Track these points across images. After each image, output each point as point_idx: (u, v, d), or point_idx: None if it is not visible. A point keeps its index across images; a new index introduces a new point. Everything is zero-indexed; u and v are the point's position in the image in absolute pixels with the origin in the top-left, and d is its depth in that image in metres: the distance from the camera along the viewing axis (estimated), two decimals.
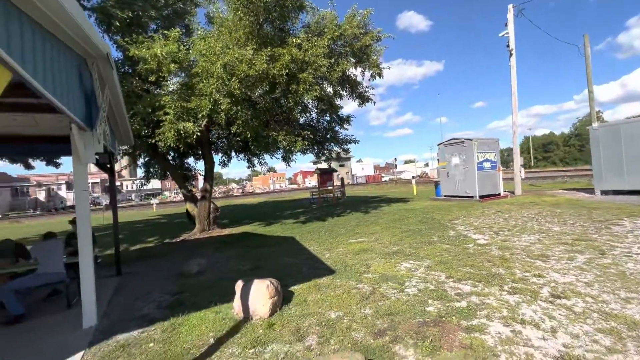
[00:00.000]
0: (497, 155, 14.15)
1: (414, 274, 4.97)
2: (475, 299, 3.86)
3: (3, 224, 25.60)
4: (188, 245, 9.15)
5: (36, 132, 5.57)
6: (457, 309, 3.62)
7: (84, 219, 4.00)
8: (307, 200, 20.75)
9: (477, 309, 3.57)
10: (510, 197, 14.02)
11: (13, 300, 4.26)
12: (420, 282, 4.57)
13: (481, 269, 4.94)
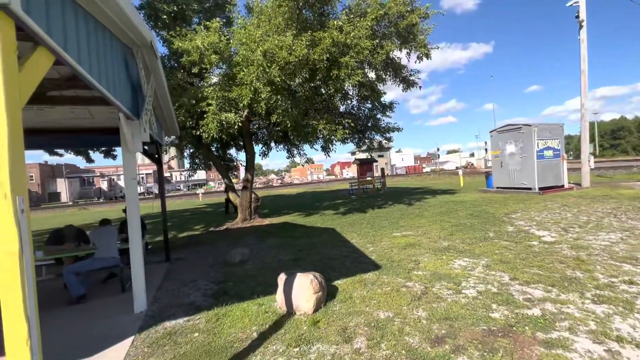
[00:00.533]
0: (560, 143, 12.61)
1: (471, 273, 4.47)
2: (551, 306, 3.31)
3: (73, 210, 28.69)
4: (231, 233, 9.35)
5: (92, 124, 5.87)
6: (529, 317, 3.11)
7: (133, 207, 4.08)
8: (346, 191, 20.41)
9: (556, 320, 3.04)
10: (576, 190, 12.47)
11: (75, 282, 4.53)
12: (479, 283, 4.08)
13: (552, 270, 4.30)
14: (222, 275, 5.32)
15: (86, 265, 4.68)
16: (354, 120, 10.22)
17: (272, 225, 10.36)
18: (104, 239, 4.87)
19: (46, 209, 34.44)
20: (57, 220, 18.61)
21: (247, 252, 6.20)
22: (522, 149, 12.32)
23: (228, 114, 7.98)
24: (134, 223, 4.05)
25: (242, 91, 7.46)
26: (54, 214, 25.50)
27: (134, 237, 4.05)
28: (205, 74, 9.32)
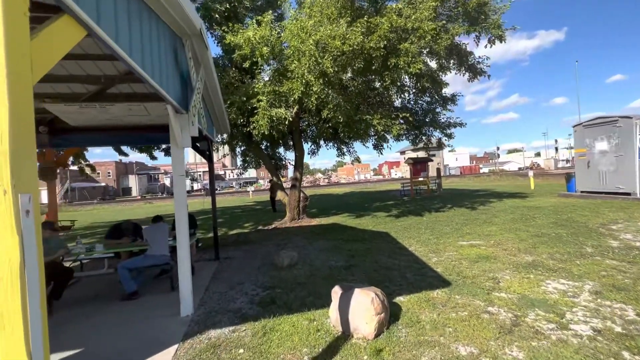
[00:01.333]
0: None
1: (575, 301, 3.51)
2: None
3: (140, 204, 31.52)
4: (279, 233, 9.11)
5: (149, 121, 5.94)
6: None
7: (181, 206, 3.88)
8: (397, 192, 19.34)
9: None
10: None
11: (127, 278, 4.50)
12: (592, 317, 3.13)
13: None
14: (269, 280, 4.98)
15: (137, 262, 4.65)
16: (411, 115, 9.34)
17: (320, 226, 9.94)
18: (156, 236, 4.81)
19: (120, 202, 38.43)
20: (124, 214, 20.44)
21: (296, 256, 5.81)
22: (617, 146, 10.28)
23: (278, 110, 7.71)
24: (182, 223, 3.84)
25: (292, 85, 7.11)
26: (123, 207, 28.21)
27: (181, 238, 3.85)
28: (256, 70, 9.21)
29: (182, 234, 3.84)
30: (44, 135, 5.67)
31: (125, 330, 3.52)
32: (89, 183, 57.58)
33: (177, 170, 3.90)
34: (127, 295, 4.49)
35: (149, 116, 5.77)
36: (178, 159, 3.93)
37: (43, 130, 5.65)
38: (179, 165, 3.93)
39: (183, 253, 3.84)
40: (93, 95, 5.02)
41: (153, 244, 4.75)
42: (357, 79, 8.88)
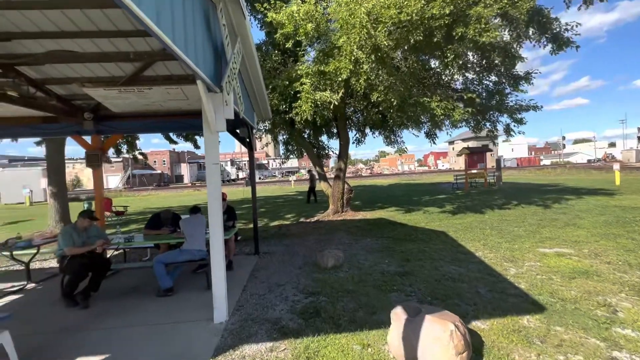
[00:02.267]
0: None
1: None
2: None
3: (189, 190, 33.20)
4: (322, 227, 8.54)
5: (188, 106, 5.61)
6: None
7: (214, 196, 3.39)
8: (449, 185, 17.77)
9: None
10: None
11: (162, 273, 4.21)
12: None
13: None
14: (312, 284, 4.39)
15: (173, 256, 4.33)
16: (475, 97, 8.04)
17: (366, 221, 9.18)
18: (193, 229, 4.45)
19: (172, 188, 41.01)
20: (174, 200, 21.42)
21: (341, 256, 5.15)
22: None
23: (323, 93, 7.01)
24: (215, 221, 3.37)
25: (339, 64, 6.34)
26: (174, 194, 29.85)
27: (215, 240, 3.37)
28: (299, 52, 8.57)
29: (216, 233, 3.36)
30: (89, 122, 5.61)
31: (154, 338, 3.15)
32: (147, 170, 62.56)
33: (210, 157, 3.41)
34: (162, 292, 4.20)
35: (188, 101, 5.43)
36: (212, 144, 3.43)
37: (88, 117, 5.58)
38: (212, 151, 3.43)
39: (216, 254, 3.37)
40: (131, 78, 4.75)
41: (190, 237, 4.39)
42: (410, 57, 7.82)
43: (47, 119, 5.73)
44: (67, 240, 4.10)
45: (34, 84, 4.63)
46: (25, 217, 14.54)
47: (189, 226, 4.46)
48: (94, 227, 4.43)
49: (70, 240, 4.11)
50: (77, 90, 5.15)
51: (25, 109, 5.30)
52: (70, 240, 4.11)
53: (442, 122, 8.04)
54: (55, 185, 9.56)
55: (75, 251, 4.10)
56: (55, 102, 5.12)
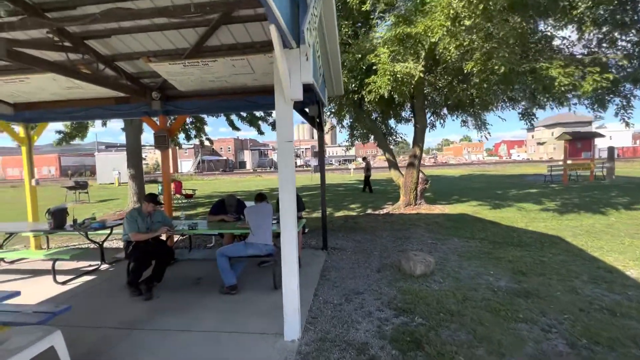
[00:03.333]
0: None
1: None
2: None
3: (252, 176, 34.46)
4: (394, 221, 7.52)
5: (253, 81, 5.02)
6: None
7: (287, 182, 2.67)
8: (538, 177, 15.12)
9: None
10: None
11: (225, 268, 3.71)
12: None
13: None
14: (400, 296, 3.49)
15: (237, 250, 3.80)
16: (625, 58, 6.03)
17: (446, 216, 7.90)
18: (259, 220, 3.86)
19: (236, 174, 43.26)
20: (239, 185, 22.12)
21: (432, 262, 4.14)
22: None
23: (403, 64, 5.90)
24: (288, 208, 2.65)
25: (432, 22, 5.13)
26: (238, 179, 31.16)
27: (287, 231, 2.66)
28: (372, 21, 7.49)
29: (288, 227, 2.65)
30: (156, 102, 5.39)
31: (212, 352, 2.59)
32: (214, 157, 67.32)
33: (283, 133, 2.68)
34: (225, 288, 3.71)
35: (253, 75, 4.82)
36: (285, 118, 2.69)
37: (156, 97, 5.36)
38: (285, 126, 2.69)
39: (288, 256, 2.67)
40: (195, 49, 4.28)
41: (256, 229, 3.81)
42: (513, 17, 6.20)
43: (119, 100, 5.67)
44: (131, 225, 3.81)
45: (104, 60, 4.43)
46: (113, 196, 16.14)
47: (254, 216, 3.88)
48: (158, 212, 4.12)
49: (134, 225, 3.82)
50: (144, 67, 4.89)
51: (100, 89, 5.26)
52: (134, 225, 3.82)
53: (564, 97, 6.30)
54: (134, 168, 10.09)
55: (139, 237, 3.80)
56: (125, 81, 4.94)
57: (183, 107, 5.60)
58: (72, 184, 14.29)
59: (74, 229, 4.64)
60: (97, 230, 4.67)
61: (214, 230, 4.47)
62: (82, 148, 64.06)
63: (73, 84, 5.16)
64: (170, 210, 5.78)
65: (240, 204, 5.08)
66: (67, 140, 11.80)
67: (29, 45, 3.63)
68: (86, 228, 4.64)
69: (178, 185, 11.58)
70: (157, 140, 5.61)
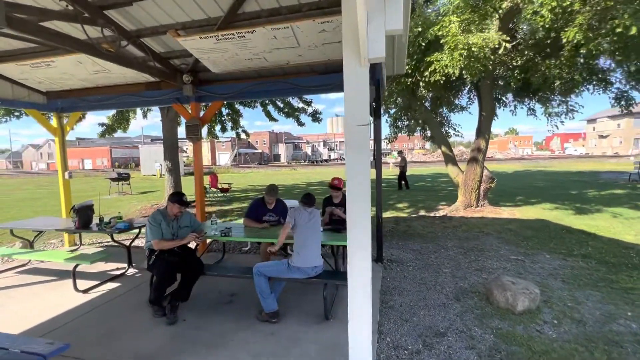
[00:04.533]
0: None
1: None
2: None
3: (286, 169, 34.15)
4: (456, 226, 6.37)
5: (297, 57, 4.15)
6: None
7: (358, 182, 1.77)
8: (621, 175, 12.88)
9: None
10: None
11: (266, 292, 2.93)
12: None
13: None
14: (500, 344, 2.48)
15: (278, 271, 2.99)
16: None
17: (520, 222, 6.58)
18: (307, 235, 2.99)
19: (271, 166, 43.38)
20: (275, 179, 21.72)
21: (537, 294, 3.04)
22: None
23: (482, 34, 4.71)
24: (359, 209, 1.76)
25: None
26: (274, 172, 30.95)
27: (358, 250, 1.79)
28: None
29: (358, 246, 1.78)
30: (188, 87, 4.74)
31: None
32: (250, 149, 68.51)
33: (355, 114, 1.77)
34: (265, 315, 2.93)
35: (298, 49, 3.96)
36: (358, 88, 1.77)
37: (187, 80, 4.70)
38: (359, 102, 1.78)
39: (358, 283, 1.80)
40: (228, 17, 3.50)
41: (302, 249, 2.95)
42: None
43: (149, 85, 5.12)
44: (154, 231, 3.15)
45: (128, 35, 3.80)
46: (154, 188, 16.38)
47: (303, 231, 3.00)
48: (186, 215, 3.43)
49: (158, 232, 3.16)
50: (173, 45, 4.22)
51: (128, 73, 4.73)
52: (158, 231, 3.16)
53: None
54: (170, 161, 9.80)
55: (163, 245, 3.14)
56: (153, 63, 4.31)
57: (217, 92, 4.90)
58: (115, 175, 14.62)
59: (98, 229, 4.15)
60: (123, 231, 4.13)
61: (250, 239, 3.71)
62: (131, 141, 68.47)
63: (100, 67, 4.66)
64: (202, 211, 5.17)
65: (281, 204, 4.29)
66: (109, 132, 11.87)
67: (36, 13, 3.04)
68: (112, 228, 4.12)
69: (214, 179, 11.21)
70: (189, 130, 4.98)
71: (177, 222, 3.32)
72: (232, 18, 3.53)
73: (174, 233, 3.27)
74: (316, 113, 12.28)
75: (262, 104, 12.41)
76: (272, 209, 4.19)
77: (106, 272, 4.33)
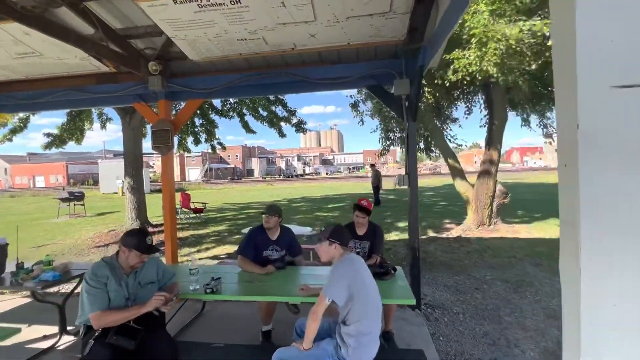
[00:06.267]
0: None
1: None
2: None
3: (262, 185, 32.59)
4: (479, 250, 5.48)
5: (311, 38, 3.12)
6: None
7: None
8: None
9: None
10: None
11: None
12: None
13: None
14: None
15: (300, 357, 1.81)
16: None
17: (543, 242, 5.85)
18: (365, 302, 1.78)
19: (245, 182, 41.52)
20: (251, 195, 20.24)
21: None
22: None
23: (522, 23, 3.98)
24: None
25: None
26: (249, 187, 29.29)
27: None
28: None
29: None
30: (155, 78, 3.51)
31: None
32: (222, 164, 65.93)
33: None
34: None
35: (312, 24, 2.94)
36: None
37: (154, 70, 3.48)
38: None
39: None
40: None
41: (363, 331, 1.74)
42: None
43: (102, 78, 3.83)
44: (95, 297, 1.89)
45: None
46: (114, 208, 14.37)
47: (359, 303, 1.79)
48: (150, 265, 2.19)
49: (101, 298, 1.89)
50: (134, 17, 3.02)
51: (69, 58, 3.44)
52: (101, 297, 1.90)
53: None
54: (133, 178, 8.26)
55: (108, 321, 1.88)
56: (107, 43, 3.07)
57: (195, 86, 3.72)
58: (65, 195, 12.53)
59: (11, 283, 2.75)
60: (50, 285, 2.76)
61: (250, 297, 2.49)
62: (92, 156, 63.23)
63: (27, 47, 3.34)
64: (173, 241, 3.87)
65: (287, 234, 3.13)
66: (57, 144, 10.05)
67: None
68: (33, 281, 2.73)
69: (186, 198, 9.72)
70: (157, 137, 3.72)
71: (135, 279, 2.07)
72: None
73: (129, 297, 2.00)
74: (301, 123, 11.29)
75: (240, 114, 11.22)
76: (276, 240, 3.03)
77: (26, 344, 2.90)
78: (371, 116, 9.72)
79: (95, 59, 3.42)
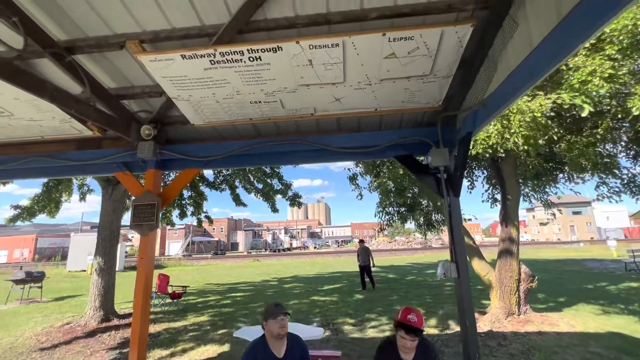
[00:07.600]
0: None
1: None
2: None
3: (248, 261, 30.43)
4: (524, 352, 4.48)
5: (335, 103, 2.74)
6: None
7: None
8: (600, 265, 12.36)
9: None
10: None
11: None
12: None
13: None
14: None
15: None
16: None
17: (592, 337, 4.92)
18: None
19: (229, 257, 38.97)
20: (237, 273, 18.51)
21: None
22: None
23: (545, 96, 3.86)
24: None
25: None
26: (233, 264, 27.20)
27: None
28: None
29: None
30: (147, 145, 2.97)
31: None
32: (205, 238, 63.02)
33: None
34: None
35: (340, 86, 2.60)
36: None
37: (148, 135, 2.96)
38: None
39: None
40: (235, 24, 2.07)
41: None
42: None
43: (82, 143, 3.27)
44: None
45: (48, 44, 2.14)
46: (76, 291, 12.51)
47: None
48: None
49: None
50: (130, 72, 2.59)
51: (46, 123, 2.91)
52: None
53: None
54: (103, 257, 7.15)
55: None
56: (96, 103, 2.60)
57: (194, 154, 3.17)
58: (21, 276, 10.85)
59: None
60: None
61: None
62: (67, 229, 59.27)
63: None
64: (143, 339, 2.83)
65: (297, 346, 2.26)
66: (26, 217, 9.02)
67: None
68: None
69: (164, 281, 8.44)
70: (139, 212, 3.00)
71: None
72: (244, 25, 2.10)
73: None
74: (296, 197, 10.80)
75: (232, 186, 10.73)
76: (283, 358, 2.15)
77: None
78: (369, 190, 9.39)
79: (78, 120, 2.90)
